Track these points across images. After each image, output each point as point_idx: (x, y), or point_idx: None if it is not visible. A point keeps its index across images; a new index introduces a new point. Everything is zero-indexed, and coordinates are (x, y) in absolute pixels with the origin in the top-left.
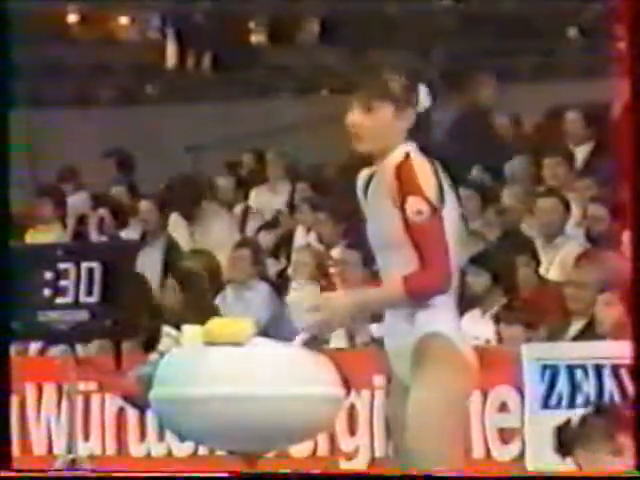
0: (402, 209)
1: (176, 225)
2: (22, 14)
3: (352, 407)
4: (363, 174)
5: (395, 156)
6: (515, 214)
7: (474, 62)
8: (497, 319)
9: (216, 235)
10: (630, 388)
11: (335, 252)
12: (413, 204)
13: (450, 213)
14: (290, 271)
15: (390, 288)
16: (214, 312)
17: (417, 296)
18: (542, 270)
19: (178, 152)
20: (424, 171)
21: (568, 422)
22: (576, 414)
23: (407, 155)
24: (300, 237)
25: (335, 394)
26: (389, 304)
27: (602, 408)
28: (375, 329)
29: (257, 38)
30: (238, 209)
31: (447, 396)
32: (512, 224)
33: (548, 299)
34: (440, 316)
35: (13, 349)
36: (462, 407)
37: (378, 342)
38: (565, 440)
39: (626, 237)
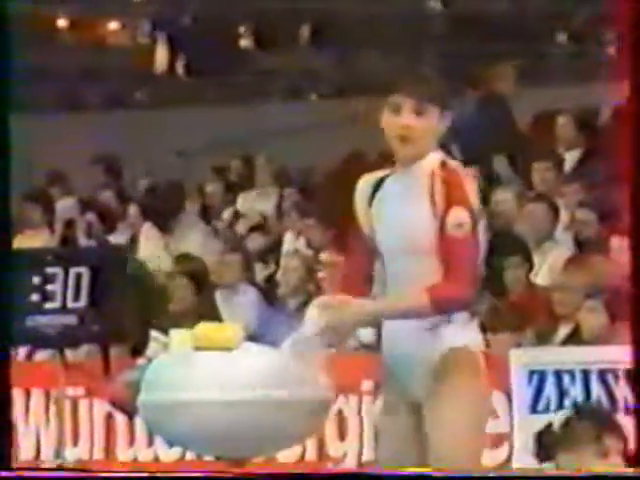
0: (442, 218)
1: (149, 235)
2: (11, 18)
3: (340, 412)
4: (369, 179)
5: (430, 162)
6: (506, 216)
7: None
8: (485, 324)
9: (192, 247)
10: (617, 392)
11: (324, 256)
12: (456, 216)
13: (481, 226)
14: (279, 276)
15: (412, 298)
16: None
17: (441, 308)
18: (531, 274)
19: (167, 157)
20: (469, 183)
21: (549, 426)
22: (557, 418)
23: (444, 162)
24: (289, 242)
25: (324, 399)
26: (408, 314)
27: (585, 410)
28: (364, 335)
29: (246, 43)
30: (226, 214)
31: (474, 413)
32: (503, 226)
33: (536, 303)
34: (465, 330)
35: None
36: (485, 422)
37: (367, 347)
38: (548, 444)
39: (615, 242)
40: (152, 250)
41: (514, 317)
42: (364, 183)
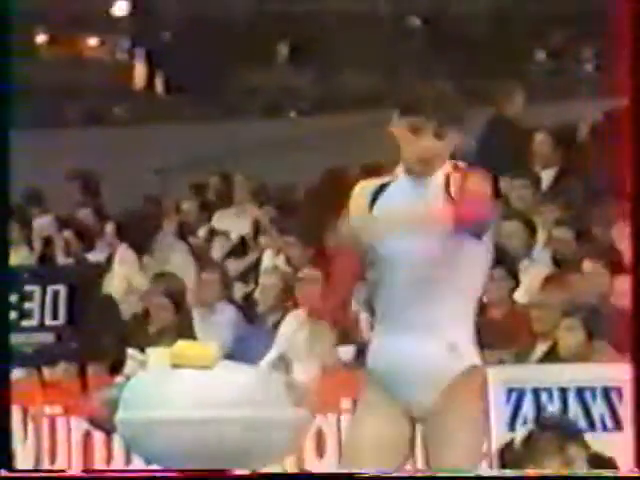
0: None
1: (125, 256)
2: None
3: (319, 430)
4: (368, 185)
5: (444, 170)
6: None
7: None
8: None
9: (170, 266)
10: (594, 410)
11: (302, 273)
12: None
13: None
14: (257, 294)
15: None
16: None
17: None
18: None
19: (145, 174)
20: (484, 175)
21: (512, 441)
22: (521, 431)
23: (456, 165)
24: (268, 260)
25: (302, 416)
26: None
27: (548, 422)
28: (343, 353)
29: (225, 59)
30: (202, 232)
31: (481, 434)
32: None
33: (516, 321)
34: (476, 350)
35: None
36: (484, 440)
37: (346, 366)
38: (512, 458)
39: (587, 265)
40: (128, 271)
41: (495, 334)
42: (363, 189)
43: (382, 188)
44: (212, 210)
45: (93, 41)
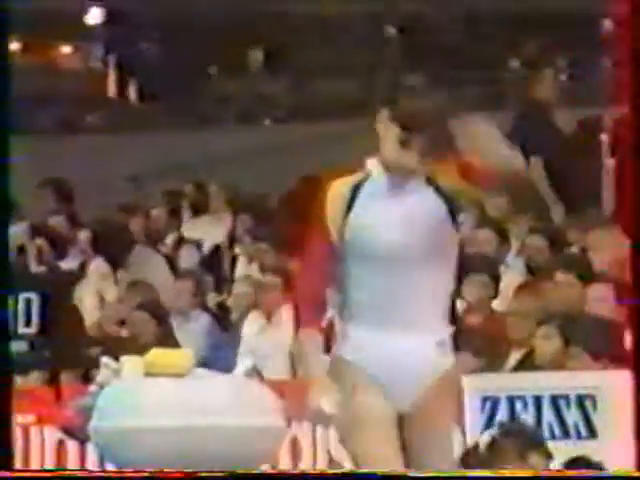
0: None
1: (100, 272)
2: None
3: (294, 439)
4: (345, 184)
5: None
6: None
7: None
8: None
9: (144, 274)
10: (568, 418)
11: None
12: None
13: None
14: (230, 302)
15: None
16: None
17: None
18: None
19: (119, 182)
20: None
21: (476, 446)
22: (483, 437)
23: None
24: (242, 268)
25: (277, 425)
26: None
27: (510, 430)
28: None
29: (201, 67)
30: (170, 239)
31: (453, 428)
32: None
33: (492, 328)
34: (450, 351)
35: None
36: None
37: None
38: (475, 461)
39: (561, 273)
40: (101, 285)
41: (471, 341)
42: (341, 188)
43: (358, 186)
44: (185, 218)
45: (66, 49)
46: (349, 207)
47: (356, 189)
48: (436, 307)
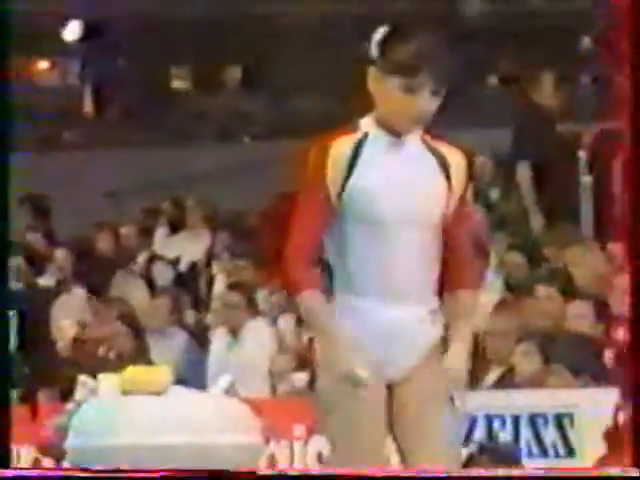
0: (461, 197)
1: (77, 290)
2: None
3: (272, 457)
4: (345, 143)
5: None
6: None
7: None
8: None
9: (123, 293)
10: (546, 437)
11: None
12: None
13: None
14: (208, 319)
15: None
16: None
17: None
18: None
19: (97, 199)
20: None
21: None
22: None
23: (432, 134)
24: (219, 285)
25: (254, 443)
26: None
27: (487, 448)
28: (297, 379)
29: (178, 84)
30: (144, 256)
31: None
32: None
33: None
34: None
35: None
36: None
37: (299, 392)
38: None
39: (540, 290)
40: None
41: None
42: (342, 148)
43: (359, 146)
44: (163, 235)
45: (43, 65)
46: (350, 168)
47: (357, 149)
48: (428, 275)
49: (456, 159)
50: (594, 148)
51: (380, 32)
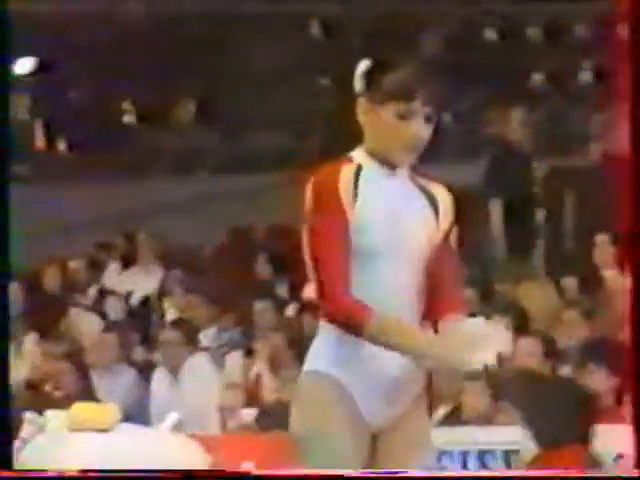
0: (446, 234)
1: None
2: None
3: None
4: (350, 170)
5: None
6: None
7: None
8: None
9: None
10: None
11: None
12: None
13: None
14: (157, 355)
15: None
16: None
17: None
18: None
19: (50, 233)
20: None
21: None
22: None
23: (419, 171)
24: (170, 320)
25: None
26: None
27: None
28: (245, 414)
29: (130, 118)
30: (93, 291)
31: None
32: None
33: None
34: None
35: None
36: None
37: (247, 428)
38: None
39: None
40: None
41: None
42: (349, 175)
43: (357, 177)
44: (115, 269)
45: None
46: (355, 197)
47: (356, 180)
48: (414, 309)
49: (442, 195)
50: (546, 184)
51: (364, 65)
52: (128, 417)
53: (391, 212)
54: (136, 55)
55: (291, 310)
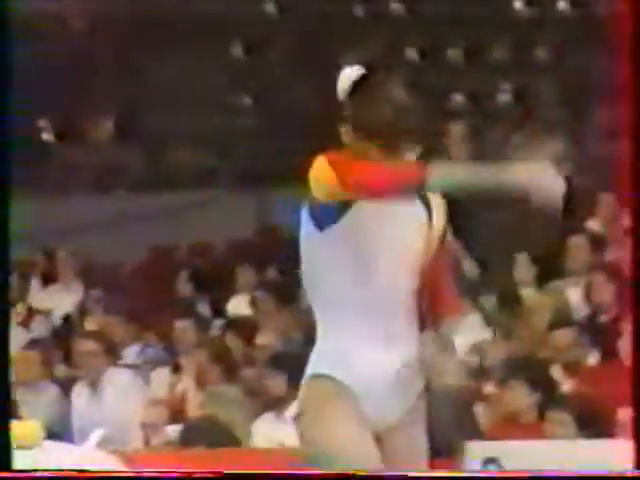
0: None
1: None
2: None
3: None
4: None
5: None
6: None
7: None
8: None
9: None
10: None
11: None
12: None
13: None
14: (78, 372)
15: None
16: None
17: None
18: None
19: None
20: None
21: None
22: None
23: None
24: (88, 330)
25: None
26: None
27: None
28: (171, 430)
29: (48, 136)
30: (20, 308)
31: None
32: None
33: None
34: None
35: None
36: None
37: (172, 443)
38: None
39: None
40: None
41: None
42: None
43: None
44: (35, 287)
45: None
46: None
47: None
48: (414, 322)
49: (436, 199)
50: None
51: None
52: (51, 434)
53: (390, 214)
54: (53, 72)
55: (215, 328)
